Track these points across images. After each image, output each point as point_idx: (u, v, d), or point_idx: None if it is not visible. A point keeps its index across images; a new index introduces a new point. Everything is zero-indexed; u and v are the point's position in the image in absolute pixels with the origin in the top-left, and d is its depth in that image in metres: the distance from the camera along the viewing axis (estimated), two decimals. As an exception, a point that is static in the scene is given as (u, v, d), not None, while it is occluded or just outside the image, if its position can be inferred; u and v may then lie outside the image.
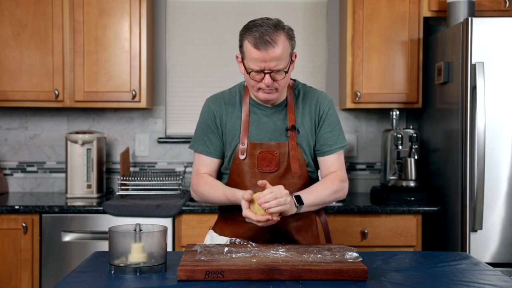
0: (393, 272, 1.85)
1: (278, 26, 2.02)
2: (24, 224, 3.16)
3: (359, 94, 3.49)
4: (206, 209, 3.15)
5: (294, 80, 2.23)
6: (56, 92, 3.45)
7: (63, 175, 3.80)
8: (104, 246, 3.08)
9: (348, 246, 1.93)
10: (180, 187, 3.47)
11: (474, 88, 2.96)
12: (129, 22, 3.47)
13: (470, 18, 2.99)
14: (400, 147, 3.44)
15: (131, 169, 3.82)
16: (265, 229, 2.04)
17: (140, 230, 1.83)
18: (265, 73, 2.01)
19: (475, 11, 3.32)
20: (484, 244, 2.99)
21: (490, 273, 1.89)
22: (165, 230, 1.85)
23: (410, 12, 3.49)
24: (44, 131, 3.80)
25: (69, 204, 3.25)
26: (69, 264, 3.17)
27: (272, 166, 2.11)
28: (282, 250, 1.87)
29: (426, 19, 3.62)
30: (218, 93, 2.25)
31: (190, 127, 3.79)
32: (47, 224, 3.18)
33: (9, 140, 3.80)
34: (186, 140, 3.78)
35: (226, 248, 1.87)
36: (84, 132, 3.55)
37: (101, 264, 1.91)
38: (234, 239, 2.09)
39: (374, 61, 3.51)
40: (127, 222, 2.81)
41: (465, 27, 3.00)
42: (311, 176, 2.19)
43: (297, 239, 2.17)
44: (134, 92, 3.46)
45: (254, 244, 1.97)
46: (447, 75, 3.19)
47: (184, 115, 3.85)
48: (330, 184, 2.12)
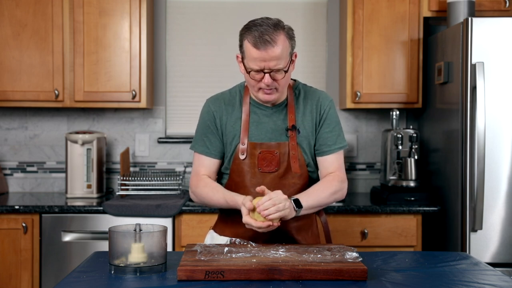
0: (393, 272, 1.85)
1: (278, 25, 2.02)
2: (24, 224, 3.16)
3: (359, 94, 3.49)
4: (206, 209, 3.15)
5: (295, 80, 2.23)
6: (56, 92, 3.45)
7: (63, 175, 3.80)
8: (104, 246, 3.08)
9: (348, 246, 1.93)
10: (180, 187, 3.47)
11: (474, 88, 2.96)
12: (129, 22, 3.47)
13: (470, 18, 2.99)
14: (400, 147, 3.44)
15: (131, 169, 3.82)
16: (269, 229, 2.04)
17: (140, 230, 1.83)
18: (265, 72, 2.01)
19: (475, 11, 3.32)
20: (484, 244, 2.99)
21: (490, 273, 1.89)
22: (165, 230, 1.85)
23: (410, 12, 3.49)
24: (44, 131, 3.80)
25: (69, 204, 3.25)
26: (69, 264, 3.17)
27: (272, 166, 2.11)
28: (282, 250, 1.87)
29: (426, 19, 3.62)
30: (218, 93, 2.25)
31: (190, 127, 3.79)
32: (47, 224, 3.18)
33: (9, 140, 3.80)
34: (186, 140, 3.78)
35: (226, 248, 1.87)
36: (84, 132, 3.55)
37: (101, 264, 1.91)
38: (234, 239, 2.09)
39: (374, 61, 3.51)
40: (127, 222, 2.81)
41: (465, 27, 3.00)
42: (311, 176, 2.18)
43: (297, 239, 2.17)
44: (134, 92, 3.46)
45: (254, 244, 1.97)
46: (447, 75, 3.19)
47: (184, 115, 3.85)
48: (329, 185, 2.12)
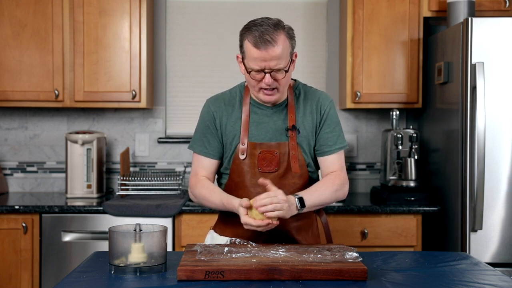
0: (393, 272, 1.85)
1: (278, 25, 2.02)
2: (24, 224, 3.16)
3: (359, 94, 3.49)
4: (206, 209, 3.14)
5: (295, 80, 2.23)
6: (56, 92, 3.45)
7: (63, 175, 3.80)
8: (104, 246, 3.08)
9: (348, 246, 1.93)
10: (180, 187, 3.47)
11: (474, 88, 2.96)
12: (129, 22, 3.47)
13: (470, 18, 2.99)
14: (400, 147, 3.44)
15: (131, 169, 3.82)
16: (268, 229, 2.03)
17: (140, 230, 1.83)
18: (265, 72, 2.01)
19: (475, 11, 3.32)
20: (484, 244, 2.99)
21: (490, 273, 1.89)
22: (165, 230, 1.85)
23: (410, 12, 3.49)
24: (44, 131, 3.80)
25: (69, 204, 3.25)
26: (69, 264, 3.17)
27: (272, 166, 2.11)
28: (282, 250, 1.87)
29: (426, 19, 3.62)
30: (218, 94, 2.25)
31: (190, 127, 3.79)
32: (47, 224, 3.18)
33: (9, 140, 3.80)
34: (186, 140, 3.78)
35: (226, 248, 1.87)
36: (84, 132, 3.55)
37: (101, 264, 1.91)
38: (234, 239, 2.09)
39: (374, 61, 3.51)
40: (127, 222, 2.81)
41: (465, 27, 3.00)
42: (311, 176, 2.18)
43: (297, 239, 2.17)
44: (134, 92, 3.46)
45: (254, 244, 1.97)
46: (447, 75, 3.19)
47: (184, 115, 3.85)
48: (331, 184, 2.12)
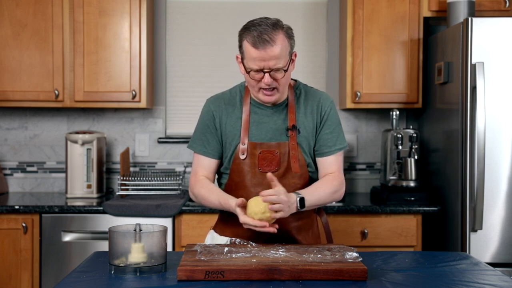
0: (393, 272, 1.85)
1: (276, 25, 2.02)
2: (24, 224, 3.16)
3: (359, 94, 3.49)
4: (206, 209, 3.14)
5: (295, 80, 2.23)
6: (56, 92, 3.45)
7: (63, 175, 3.79)
8: (104, 246, 3.08)
9: (348, 246, 1.93)
10: (180, 187, 3.47)
11: (474, 88, 2.96)
12: (129, 22, 3.46)
13: (470, 18, 2.99)
14: (400, 147, 3.44)
15: (131, 169, 3.82)
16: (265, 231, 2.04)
17: (140, 230, 1.83)
18: (264, 72, 2.01)
19: (475, 11, 3.32)
20: (484, 244, 2.99)
21: (490, 273, 1.89)
22: (165, 230, 1.85)
23: (410, 12, 3.49)
24: (44, 131, 3.80)
25: (69, 204, 3.25)
26: (69, 264, 3.17)
27: (272, 166, 2.11)
28: (282, 250, 1.87)
29: (426, 19, 3.62)
30: (219, 93, 2.25)
31: (190, 127, 3.78)
32: (47, 224, 3.18)
33: (9, 140, 3.80)
34: (186, 140, 3.78)
35: (226, 248, 1.87)
36: (84, 132, 3.55)
37: (101, 264, 1.91)
38: (234, 239, 2.10)
39: (374, 61, 3.51)
40: (127, 222, 2.81)
41: (465, 27, 3.00)
42: (311, 176, 2.18)
43: (297, 239, 2.17)
44: (134, 92, 3.46)
45: (254, 244, 1.97)
46: (447, 75, 3.19)
47: (184, 115, 3.85)
48: (330, 185, 2.12)
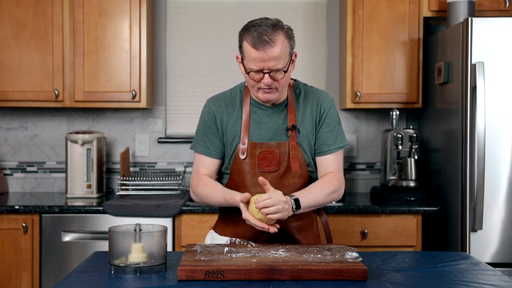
0: (393, 272, 1.85)
1: (276, 25, 2.02)
2: (24, 224, 3.16)
3: (359, 94, 3.49)
4: (206, 209, 3.15)
5: (295, 80, 2.23)
6: (56, 92, 3.45)
7: (63, 175, 3.80)
8: (104, 246, 3.08)
9: (348, 246, 1.93)
10: (180, 187, 3.47)
11: (474, 88, 2.96)
12: (129, 22, 3.47)
13: (470, 18, 2.99)
14: (400, 147, 3.44)
15: (131, 169, 3.82)
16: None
17: (140, 230, 1.83)
18: (264, 72, 2.01)
19: (475, 11, 3.32)
20: (484, 244, 2.99)
21: (490, 273, 1.89)
22: (165, 230, 1.85)
23: (410, 12, 3.49)
24: (44, 131, 3.80)
25: (69, 204, 3.25)
26: (69, 264, 3.17)
27: (272, 166, 2.11)
28: (282, 250, 1.87)
29: (426, 19, 3.62)
30: (219, 93, 2.25)
31: (190, 127, 3.79)
32: (47, 224, 3.18)
33: (9, 140, 3.80)
34: (186, 140, 3.78)
35: (226, 248, 1.87)
36: (84, 132, 3.55)
37: (101, 264, 1.91)
38: (234, 239, 2.09)
39: (374, 61, 3.51)
40: (127, 222, 2.81)
41: (465, 27, 3.00)
42: (311, 176, 2.18)
43: (297, 239, 2.17)
44: (134, 92, 3.46)
45: (254, 244, 1.97)
46: (447, 75, 3.19)
47: (184, 115, 3.85)
48: (327, 185, 2.12)
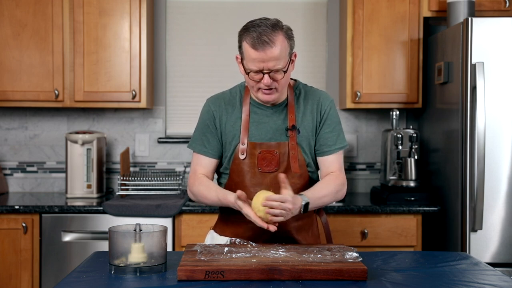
0: (393, 272, 1.85)
1: (276, 26, 2.01)
2: (24, 224, 3.16)
3: (359, 94, 3.49)
4: (206, 209, 3.15)
5: (295, 80, 2.23)
6: (56, 92, 3.45)
7: (63, 175, 3.80)
8: (104, 246, 3.08)
9: (348, 246, 1.93)
10: (180, 187, 3.47)
11: (474, 88, 2.96)
12: (129, 22, 3.46)
13: (470, 18, 2.99)
14: (400, 147, 3.44)
15: (131, 169, 3.82)
16: (265, 229, 2.04)
17: (140, 230, 1.83)
18: (264, 73, 2.01)
19: (475, 11, 3.32)
20: (484, 244, 2.99)
21: (490, 273, 1.89)
22: (165, 230, 1.85)
23: (410, 12, 3.49)
24: (44, 131, 3.80)
25: (69, 204, 3.25)
26: (69, 264, 3.17)
27: (272, 166, 2.11)
28: (282, 250, 1.87)
29: (426, 19, 3.62)
30: (219, 93, 2.25)
31: (190, 127, 3.78)
32: (47, 224, 3.18)
33: (9, 140, 3.80)
34: (186, 140, 3.78)
35: (226, 248, 1.87)
36: (84, 132, 3.55)
37: (101, 264, 1.91)
38: (234, 239, 2.10)
39: (374, 61, 3.51)
40: (127, 222, 2.81)
41: (465, 27, 3.00)
42: (311, 177, 2.18)
43: (297, 239, 2.17)
44: (134, 92, 3.46)
45: (254, 244, 1.97)
46: (447, 75, 3.19)
47: (184, 115, 3.85)
48: (333, 185, 2.13)
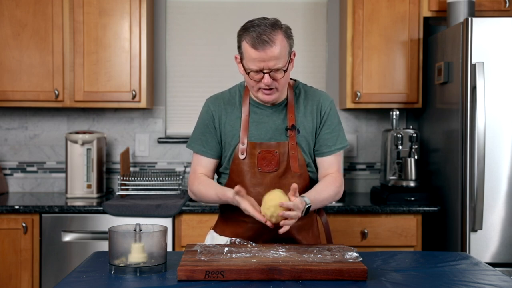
0: (393, 272, 1.85)
1: (275, 25, 2.02)
2: (24, 224, 3.16)
3: (359, 94, 3.49)
4: (206, 209, 3.15)
5: (295, 80, 2.23)
6: (56, 92, 3.45)
7: (63, 175, 3.79)
8: (104, 246, 3.08)
9: (348, 246, 1.93)
10: (180, 187, 3.47)
11: (474, 88, 2.96)
12: (129, 22, 3.46)
13: (470, 18, 2.99)
14: (400, 147, 3.44)
15: (131, 169, 3.82)
16: (265, 229, 2.04)
17: (140, 230, 1.83)
18: (264, 72, 2.01)
19: (475, 11, 3.32)
20: (484, 244, 2.99)
21: (490, 273, 1.89)
22: (165, 230, 1.85)
23: (410, 12, 3.49)
24: (44, 131, 3.80)
25: (69, 204, 3.25)
26: (69, 264, 3.17)
27: (272, 165, 2.11)
28: (282, 250, 1.87)
29: (426, 19, 3.62)
30: (218, 93, 2.25)
31: (190, 127, 3.75)
32: (47, 224, 3.18)
33: (9, 140, 3.80)
34: (186, 140, 3.78)
35: (226, 248, 1.87)
36: (84, 132, 3.55)
37: (101, 264, 1.91)
38: (234, 239, 2.10)
39: (374, 61, 3.51)
40: (127, 222, 2.81)
41: (465, 27, 3.00)
42: (311, 177, 2.18)
43: (297, 239, 2.17)
44: (134, 92, 3.46)
45: (254, 244, 1.97)
46: (447, 75, 3.19)
47: (184, 115, 3.85)
48: (333, 186, 2.14)
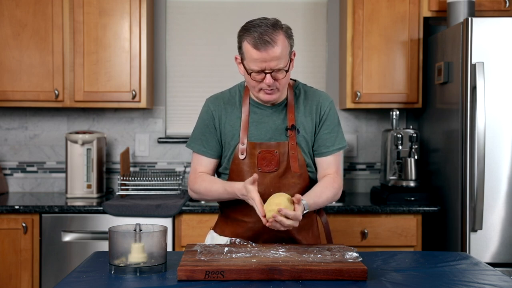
0: (393, 272, 1.85)
1: (276, 25, 2.02)
2: (24, 224, 3.16)
3: (359, 94, 3.49)
4: (206, 209, 3.15)
5: (295, 80, 2.23)
6: (56, 92, 3.45)
7: (63, 175, 3.80)
8: (104, 246, 3.08)
9: (348, 246, 1.93)
10: (180, 187, 3.47)
11: (474, 88, 2.96)
12: (129, 22, 3.47)
13: (470, 18, 2.99)
14: (400, 147, 3.44)
15: (131, 169, 3.82)
16: (265, 229, 2.04)
17: (140, 230, 1.83)
18: (265, 73, 2.01)
19: (475, 11, 3.32)
20: (484, 244, 2.99)
21: (490, 273, 1.89)
22: (165, 230, 1.85)
23: (410, 12, 3.49)
24: (44, 131, 3.80)
25: (69, 204, 3.25)
26: (69, 264, 3.17)
27: (272, 165, 2.11)
28: (282, 250, 1.87)
29: (426, 19, 3.62)
30: (218, 93, 2.25)
31: (190, 127, 3.74)
32: (47, 224, 3.18)
33: (9, 140, 3.80)
34: (186, 140, 3.78)
35: (226, 248, 1.87)
36: (84, 132, 3.55)
37: (101, 264, 1.91)
38: (234, 239, 2.10)
39: (374, 61, 3.51)
40: (127, 222, 2.81)
41: (465, 27, 3.00)
42: (311, 177, 2.18)
43: (297, 239, 2.17)
44: (134, 92, 3.46)
45: (254, 244, 1.97)
46: (447, 75, 3.19)
47: (184, 115, 3.85)
48: (331, 188, 2.14)
